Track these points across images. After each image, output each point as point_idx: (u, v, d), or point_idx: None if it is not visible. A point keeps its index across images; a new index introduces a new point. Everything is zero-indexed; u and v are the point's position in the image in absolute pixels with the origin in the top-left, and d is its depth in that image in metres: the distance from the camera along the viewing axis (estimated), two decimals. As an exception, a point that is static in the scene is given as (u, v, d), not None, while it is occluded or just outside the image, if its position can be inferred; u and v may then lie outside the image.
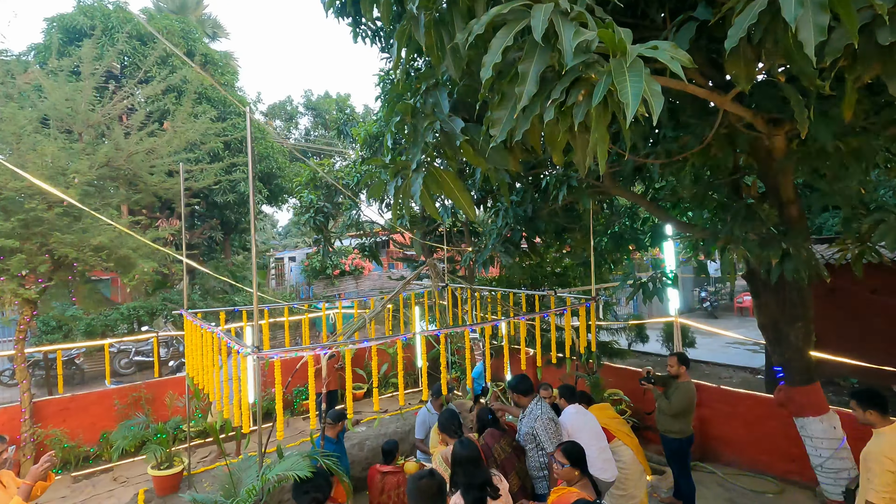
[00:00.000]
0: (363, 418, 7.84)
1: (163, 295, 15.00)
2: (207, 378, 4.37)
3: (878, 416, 3.48)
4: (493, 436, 3.99)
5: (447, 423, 3.89)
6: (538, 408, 4.08)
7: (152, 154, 7.55)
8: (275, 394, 3.38)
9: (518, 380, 4.25)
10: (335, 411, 5.16)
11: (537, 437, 3.89)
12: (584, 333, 5.78)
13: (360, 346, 3.68)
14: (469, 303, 7.77)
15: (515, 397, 4.25)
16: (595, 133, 1.86)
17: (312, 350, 3.51)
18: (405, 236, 9.93)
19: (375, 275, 21.27)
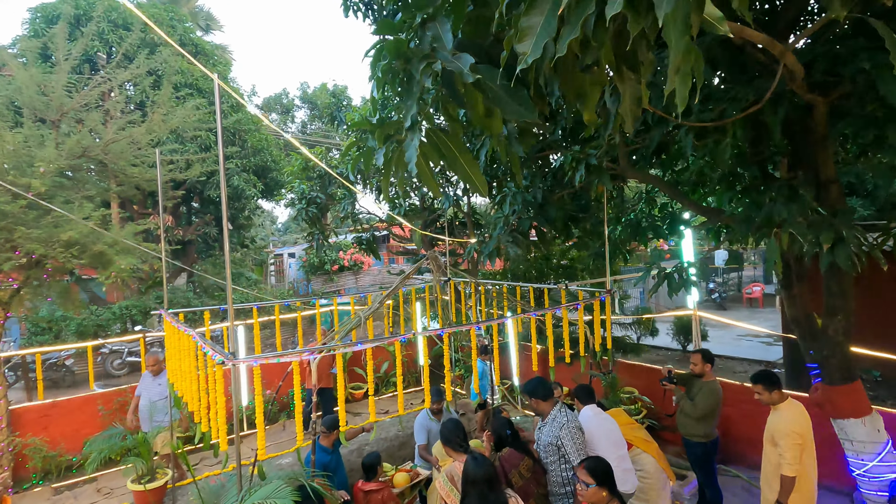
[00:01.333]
0: (363, 423, 7.42)
1: (156, 293, 14.56)
2: (185, 385, 3.94)
3: (780, 395, 3.87)
4: (512, 458, 3.52)
5: (451, 434, 3.45)
6: (563, 415, 3.62)
7: (134, 144, 7.08)
8: (269, 397, 2.94)
9: (537, 383, 3.79)
10: (329, 419, 4.74)
11: (562, 449, 3.42)
12: (599, 329, 5.34)
13: (353, 348, 3.24)
14: (473, 298, 7.34)
15: (534, 402, 3.79)
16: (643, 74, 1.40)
17: (298, 355, 3.07)
18: (405, 229, 9.48)
19: (375, 270, 20.85)
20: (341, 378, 3.33)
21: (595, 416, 4.08)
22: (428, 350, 10.42)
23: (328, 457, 4.66)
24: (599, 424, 4.00)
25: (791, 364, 8.75)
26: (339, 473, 4.72)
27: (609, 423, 4.04)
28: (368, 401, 3.37)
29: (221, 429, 3.02)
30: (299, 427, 3.05)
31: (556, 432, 3.43)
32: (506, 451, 3.56)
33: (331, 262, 18.86)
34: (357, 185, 7.54)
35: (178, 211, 16.27)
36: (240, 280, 17.36)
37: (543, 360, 6.70)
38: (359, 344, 3.34)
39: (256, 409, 2.99)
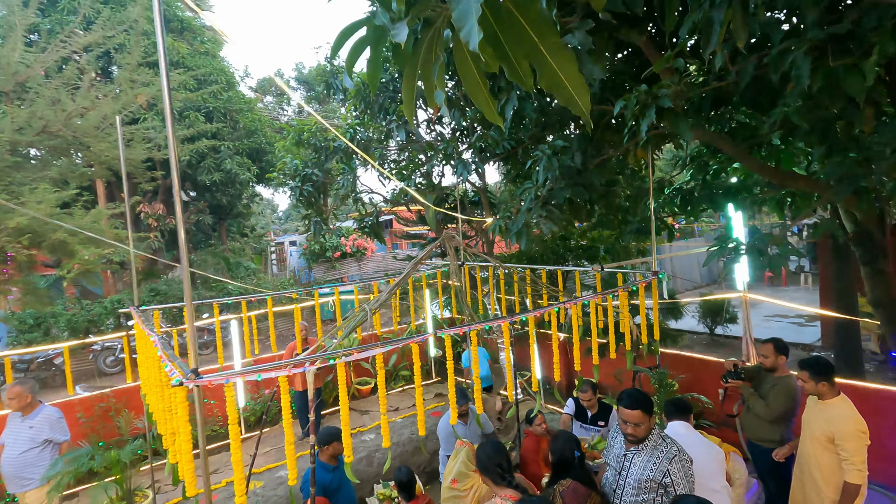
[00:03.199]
0: (369, 424, 6.71)
1: (150, 286, 13.85)
2: (154, 401, 3.18)
3: (829, 387, 3.38)
4: (578, 496, 2.75)
5: (489, 461, 2.70)
6: (670, 442, 2.72)
7: (105, 120, 6.25)
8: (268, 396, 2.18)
9: (636, 395, 3.02)
10: (324, 432, 4.01)
11: (670, 488, 2.57)
12: (644, 316, 4.56)
13: (359, 357, 2.47)
14: (491, 283, 6.57)
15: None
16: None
17: (287, 368, 2.29)
18: (412, 210, 8.67)
19: (378, 256, 20.06)
20: (343, 388, 2.57)
21: (690, 435, 3.27)
22: (439, 341, 9.72)
23: (328, 475, 3.95)
24: (706, 451, 3.18)
25: (842, 349, 7.98)
26: (342, 493, 4.00)
27: (711, 447, 3.24)
28: (380, 393, 2.63)
29: (183, 460, 2.26)
30: (289, 437, 2.29)
31: (665, 466, 2.56)
32: (569, 485, 2.78)
33: (332, 248, 18.07)
34: (357, 164, 6.71)
35: (170, 198, 15.45)
36: (238, 269, 16.64)
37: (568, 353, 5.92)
38: (367, 351, 2.56)
39: (231, 436, 2.24)
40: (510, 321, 3.29)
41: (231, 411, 2.20)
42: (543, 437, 4.69)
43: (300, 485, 4.00)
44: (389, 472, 5.60)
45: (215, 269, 16.74)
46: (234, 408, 2.19)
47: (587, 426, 4.90)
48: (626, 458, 2.78)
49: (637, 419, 2.65)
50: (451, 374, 3.02)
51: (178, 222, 2.12)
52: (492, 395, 7.73)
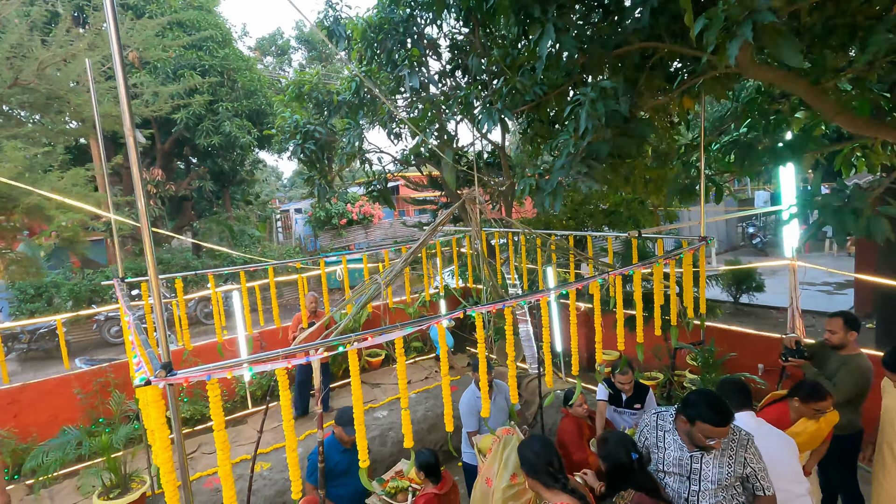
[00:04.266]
0: (381, 400, 6.35)
1: (154, 255, 13.45)
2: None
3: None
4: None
5: (539, 461, 2.25)
6: (734, 430, 2.33)
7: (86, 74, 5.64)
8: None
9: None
10: (344, 414, 3.60)
11: (753, 477, 2.19)
12: (690, 287, 4.06)
13: (367, 343, 2.00)
14: (510, 250, 6.05)
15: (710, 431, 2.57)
16: None
17: (286, 360, 1.82)
18: (424, 171, 8.08)
19: (386, 223, 19.54)
20: (355, 368, 2.10)
21: (762, 428, 2.75)
22: (451, 309, 9.31)
23: (338, 455, 3.50)
24: (783, 447, 2.68)
25: (883, 317, 7.47)
26: (348, 478, 3.60)
27: (787, 441, 2.74)
28: (392, 364, 2.17)
29: (163, 469, 1.81)
30: (287, 416, 1.81)
31: (742, 454, 2.19)
32: (632, 497, 2.32)
33: (338, 215, 17.54)
34: (364, 120, 6.08)
35: (170, 164, 14.90)
36: (243, 238, 16.21)
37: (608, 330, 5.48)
38: (384, 335, 2.08)
39: (216, 441, 1.79)
40: (548, 294, 2.79)
41: (216, 413, 1.73)
42: (584, 420, 4.26)
43: (308, 461, 3.64)
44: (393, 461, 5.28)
45: (220, 237, 16.33)
46: (219, 410, 1.73)
47: (621, 410, 4.46)
48: (694, 459, 2.32)
49: (726, 433, 2.21)
50: (483, 360, 2.54)
51: (135, 176, 1.60)
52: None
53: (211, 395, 1.72)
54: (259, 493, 4.44)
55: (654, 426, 2.57)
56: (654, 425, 2.58)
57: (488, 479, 3.10)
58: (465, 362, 8.09)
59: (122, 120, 1.54)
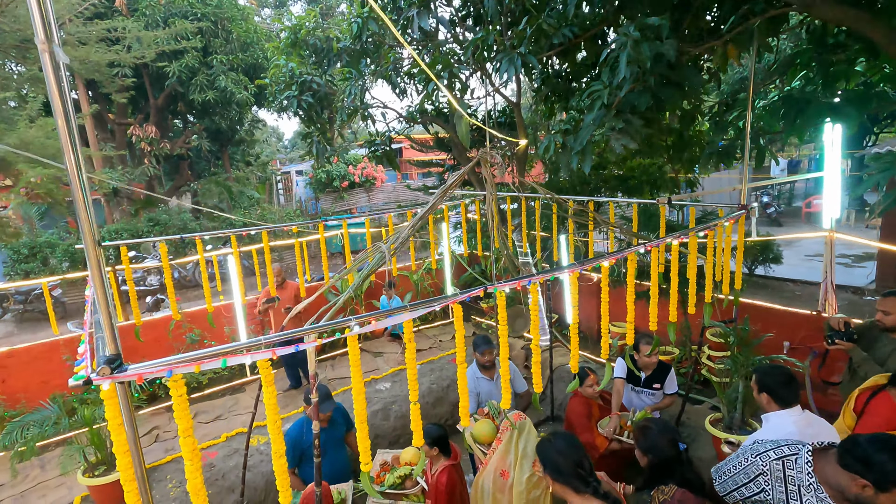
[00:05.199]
0: (384, 371, 6.08)
1: (148, 215, 13.09)
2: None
3: None
4: None
5: (566, 462, 1.94)
6: None
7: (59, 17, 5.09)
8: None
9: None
10: (323, 390, 3.40)
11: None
12: (727, 260, 3.68)
13: (370, 328, 1.63)
14: (523, 217, 5.65)
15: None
16: None
17: (267, 350, 1.46)
18: (430, 129, 7.56)
19: (389, 186, 18.99)
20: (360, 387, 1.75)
21: (811, 426, 2.35)
22: (456, 277, 8.98)
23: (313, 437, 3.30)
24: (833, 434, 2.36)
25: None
26: (326, 459, 3.37)
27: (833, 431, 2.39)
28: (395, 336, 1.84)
29: (124, 477, 1.49)
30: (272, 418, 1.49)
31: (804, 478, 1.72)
32: (674, 493, 2.03)
33: (339, 178, 16.99)
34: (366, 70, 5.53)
35: (164, 121, 14.27)
36: (242, 199, 15.77)
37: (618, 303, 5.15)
38: (390, 319, 1.72)
39: (184, 449, 1.45)
40: (580, 269, 2.41)
41: (181, 416, 1.38)
42: (594, 400, 3.99)
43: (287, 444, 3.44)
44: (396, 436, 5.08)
45: (219, 198, 15.89)
46: (186, 412, 1.38)
47: (639, 389, 4.17)
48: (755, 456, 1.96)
49: None
50: (505, 342, 2.19)
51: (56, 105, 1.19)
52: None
53: (174, 394, 1.36)
54: (255, 469, 4.21)
55: (781, 478, 1.85)
56: (779, 475, 1.86)
57: (504, 471, 2.83)
58: (470, 332, 7.82)
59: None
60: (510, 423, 2.99)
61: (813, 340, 4.86)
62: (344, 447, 3.67)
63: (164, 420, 5.48)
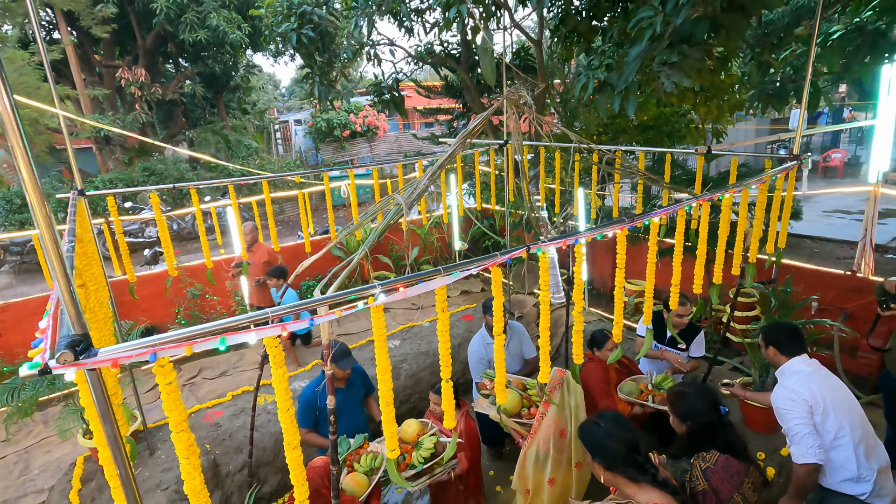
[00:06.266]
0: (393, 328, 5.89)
1: (143, 164, 12.61)
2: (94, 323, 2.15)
3: None
4: (731, 473, 1.87)
5: (617, 446, 1.72)
6: None
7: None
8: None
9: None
10: (339, 348, 3.20)
11: None
12: (773, 217, 3.36)
13: (398, 297, 1.34)
14: (542, 167, 5.29)
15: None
16: None
17: (272, 322, 1.17)
18: (439, 72, 7.02)
19: (392, 136, 18.32)
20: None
21: (820, 372, 2.41)
22: (464, 232, 8.68)
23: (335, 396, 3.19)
24: (835, 394, 2.32)
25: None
26: (343, 418, 3.26)
27: (846, 395, 2.36)
28: None
29: (107, 472, 1.24)
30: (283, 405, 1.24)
31: None
32: (716, 459, 1.89)
33: (340, 126, 16.33)
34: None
35: (154, 64, 13.48)
36: (239, 148, 15.22)
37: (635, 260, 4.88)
38: (417, 282, 1.42)
39: (178, 447, 1.20)
40: (631, 225, 2.10)
41: (173, 408, 1.12)
42: (612, 365, 3.78)
43: (299, 402, 3.29)
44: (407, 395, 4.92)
45: (216, 148, 15.32)
46: (178, 403, 1.11)
47: (665, 348, 3.95)
48: None
49: None
50: (546, 308, 1.90)
51: None
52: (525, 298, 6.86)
53: (162, 381, 1.09)
54: (263, 429, 4.07)
55: None
56: None
57: (563, 430, 2.78)
58: (479, 287, 7.60)
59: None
60: (558, 380, 2.85)
61: (843, 301, 4.62)
62: (362, 410, 3.51)
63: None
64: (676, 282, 2.51)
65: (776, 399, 2.38)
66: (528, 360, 4.10)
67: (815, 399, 2.26)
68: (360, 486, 2.51)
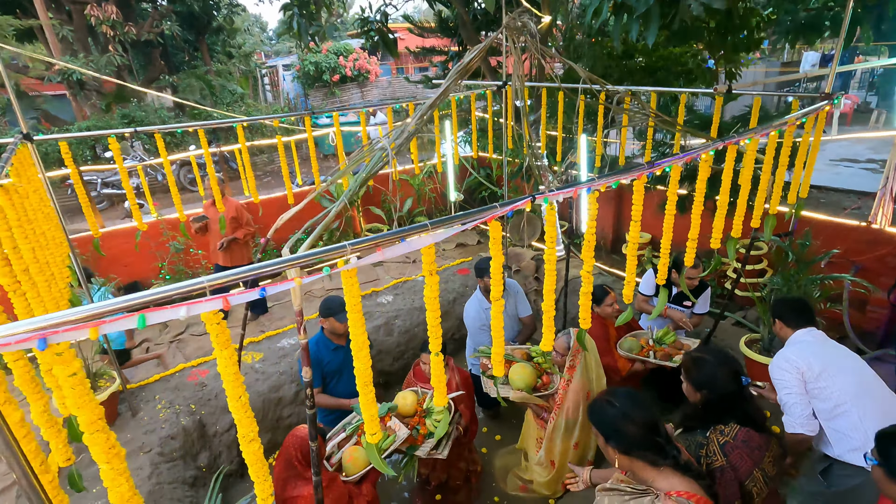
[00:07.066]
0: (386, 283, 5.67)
1: (121, 111, 11.96)
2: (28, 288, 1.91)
3: None
4: (749, 448, 1.70)
5: (635, 429, 1.52)
6: None
7: None
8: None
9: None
10: (333, 301, 3.02)
11: None
12: (799, 164, 3.09)
13: (376, 258, 1.06)
14: (544, 110, 4.92)
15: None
16: None
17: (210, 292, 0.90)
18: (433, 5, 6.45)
19: (384, 81, 17.46)
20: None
21: (827, 344, 2.38)
22: (460, 182, 8.32)
23: (329, 354, 3.09)
24: (839, 363, 2.26)
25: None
26: (343, 378, 3.14)
27: (851, 359, 2.29)
28: None
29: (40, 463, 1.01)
30: None
31: None
32: (736, 432, 1.73)
33: (329, 70, 15.49)
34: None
35: (127, 2, 12.48)
36: (224, 94, 14.45)
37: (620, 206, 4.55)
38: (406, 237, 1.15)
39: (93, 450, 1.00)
40: (648, 172, 1.81)
41: (83, 409, 0.87)
42: (611, 320, 3.59)
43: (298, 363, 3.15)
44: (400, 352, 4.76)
45: (201, 94, 14.54)
46: (87, 399, 0.87)
47: (668, 305, 3.77)
48: None
49: None
50: (552, 268, 1.65)
51: None
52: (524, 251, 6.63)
53: (62, 376, 0.84)
54: (250, 389, 3.93)
55: None
56: None
57: (588, 392, 2.75)
58: (475, 240, 7.36)
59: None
60: (579, 345, 2.72)
61: (856, 254, 4.42)
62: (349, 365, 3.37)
63: (154, 332, 5.17)
64: (694, 236, 2.26)
65: (772, 369, 2.34)
66: (523, 319, 3.90)
67: (808, 366, 2.20)
68: (355, 463, 2.31)
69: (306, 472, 2.12)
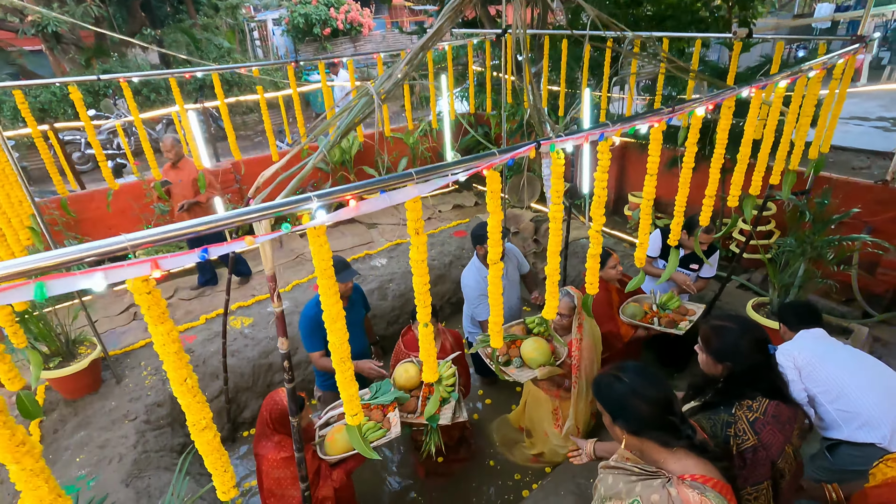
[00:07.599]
0: (379, 246, 5.48)
1: (102, 67, 11.39)
2: None
3: None
4: (779, 423, 1.59)
5: (646, 408, 1.35)
6: None
7: None
8: None
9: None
10: (339, 260, 2.85)
11: None
12: (824, 115, 2.86)
13: (350, 214, 0.85)
14: (545, 63, 4.61)
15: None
16: None
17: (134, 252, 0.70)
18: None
19: (378, 35, 16.69)
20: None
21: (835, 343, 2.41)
22: (456, 140, 8.00)
23: None
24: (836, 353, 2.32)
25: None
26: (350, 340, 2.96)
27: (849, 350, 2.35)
28: None
29: None
30: None
31: None
32: (765, 406, 1.61)
33: (320, 23, 14.74)
34: None
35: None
36: (209, 49, 13.78)
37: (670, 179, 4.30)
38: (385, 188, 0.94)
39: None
40: (668, 118, 1.59)
41: None
42: (613, 284, 3.42)
43: (301, 326, 2.97)
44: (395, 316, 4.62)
45: (188, 50, 13.86)
46: None
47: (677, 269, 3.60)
48: None
49: None
50: (558, 228, 1.46)
51: None
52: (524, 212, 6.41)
53: None
54: (240, 355, 3.81)
55: None
56: None
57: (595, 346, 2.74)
58: (472, 201, 7.14)
59: None
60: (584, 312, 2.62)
61: (870, 214, 4.23)
62: (363, 329, 3.24)
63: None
64: (712, 193, 2.06)
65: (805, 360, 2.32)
66: (524, 275, 3.75)
67: (800, 350, 2.26)
68: (334, 444, 2.15)
69: (274, 436, 2.09)
